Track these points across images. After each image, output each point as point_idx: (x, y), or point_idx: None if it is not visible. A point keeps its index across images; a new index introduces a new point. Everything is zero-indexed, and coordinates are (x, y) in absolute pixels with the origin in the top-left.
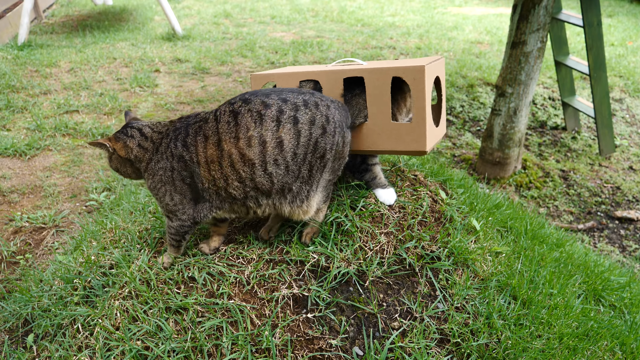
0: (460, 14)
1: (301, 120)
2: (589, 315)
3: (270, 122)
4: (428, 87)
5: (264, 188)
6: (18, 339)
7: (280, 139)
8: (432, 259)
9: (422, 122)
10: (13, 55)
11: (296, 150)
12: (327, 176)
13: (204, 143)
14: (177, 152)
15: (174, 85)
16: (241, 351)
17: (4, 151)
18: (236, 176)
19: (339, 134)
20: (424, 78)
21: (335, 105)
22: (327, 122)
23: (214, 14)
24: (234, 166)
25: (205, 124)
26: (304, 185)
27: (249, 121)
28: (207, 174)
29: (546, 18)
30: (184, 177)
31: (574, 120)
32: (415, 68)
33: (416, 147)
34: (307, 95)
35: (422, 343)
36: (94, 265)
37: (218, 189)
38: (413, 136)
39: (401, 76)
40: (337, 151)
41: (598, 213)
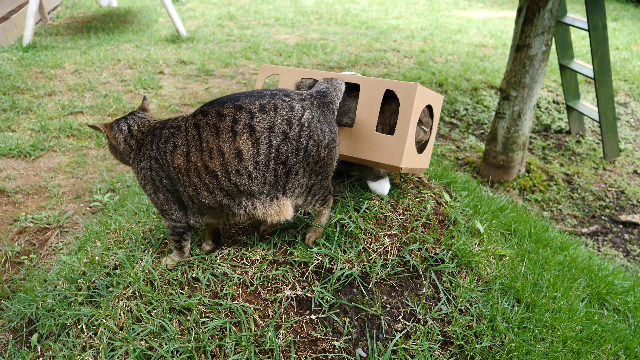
0: (465, 17)
1: (258, 128)
2: (592, 319)
3: (226, 134)
4: (417, 107)
5: (233, 196)
6: (22, 339)
7: (238, 149)
8: (436, 261)
9: (403, 138)
10: (18, 56)
11: (257, 159)
12: (304, 180)
13: (172, 151)
14: (153, 154)
15: (178, 87)
16: (245, 352)
17: (9, 152)
18: (204, 186)
19: (307, 137)
20: (414, 96)
21: (304, 105)
22: (290, 126)
23: (218, 16)
24: (201, 177)
25: (178, 132)
26: (272, 189)
27: (208, 134)
28: (179, 180)
29: (551, 21)
30: (162, 178)
31: (578, 123)
32: (409, 85)
33: (391, 162)
34: (266, 98)
35: (425, 345)
36: (98, 266)
37: (191, 197)
38: (391, 151)
39: (394, 90)
40: (308, 155)
41: (602, 217)
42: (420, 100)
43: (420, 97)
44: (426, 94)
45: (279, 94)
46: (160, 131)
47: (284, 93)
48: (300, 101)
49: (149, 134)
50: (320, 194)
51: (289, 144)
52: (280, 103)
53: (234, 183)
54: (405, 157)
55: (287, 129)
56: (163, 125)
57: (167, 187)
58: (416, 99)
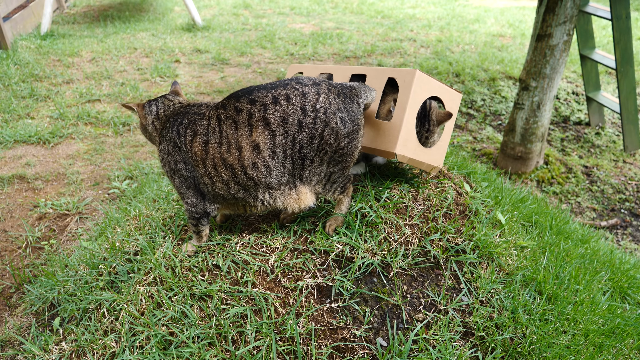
0: (482, 6)
1: (272, 120)
2: (615, 313)
3: (243, 128)
4: (416, 93)
5: (249, 189)
6: (44, 322)
7: (255, 142)
8: (457, 251)
9: (398, 125)
10: (36, 44)
11: (274, 150)
12: (323, 168)
13: (191, 138)
14: (173, 138)
15: (194, 76)
16: (265, 339)
17: (28, 139)
18: (219, 178)
19: (323, 124)
20: (412, 82)
21: (319, 90)
22: (304, 114)
23: (234, 4)
24: (217, 169)
25: (201, 119)
26: (290, 178)
27: (228, 128)
28: (195, 167)
29: (573, 10)
30: (177, 162)
31: (598, 115)
32: (408, 71)
33: (386, 147)
34: (278, 89)
35: (446, 336)
36: (118, 252)
37: (206, 185)
38: (387, 136)
39: (395, 77)
40: (325, 143)
41: (622, 210)
42: (421, 87)
43: (420, 84)
44: (431, 83)
45: (291, 82)
46: (182, 116)
47: (296, 81)
48: (314, 86)
49: (171, 117)
50: (339, 182)
51: (303, 132)
52: (292, 92)
53: (250, 177)
54: (401, 143)
55: (301, 117)
56: (186, 111)
57: (182, 171)
58: (414, 84)
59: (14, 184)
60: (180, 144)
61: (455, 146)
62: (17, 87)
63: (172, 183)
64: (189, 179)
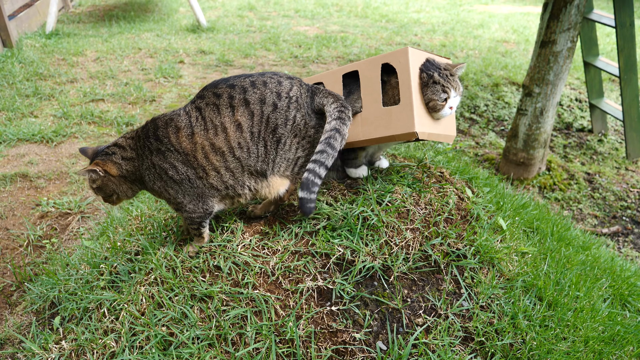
0: (487, 11)
1: (251, 100)
2: (615, 320)
3: (226, 109)
4: (414, 69)
5: (237, 175)
6: (45, 321)
7: (237, 122)
8: (458, 256)
9: (409, 103)
10: (41, 43)
11: (252, 129)
12: (290, 154)
13: (176, 134)
14: (153, 147)
15: (198, 77)
16: (265, 341)
17: (32, 137)
18: (211, 166)
19: (296, 110)
20: (408, 60)
21: (292, 82)
22: (279, 98)
23: (238, 6)
24: (208, 157)
25: (178, 116)
26: (263, 164)
27: (210, 113)
28: (188, 161)
29: (577, 17)
30: (166, 170)
31: (601, 122)
32: (400, 51)
33: (405, 130)
34: (255, 76)
35: (446, 340)
36: (120, 251)
37: (201, 178)
38: (402, 119)
39: (389, 62)
40: (296, 127)
41: (623, 218)
42: (417, 63)
43: (415, 60)
44: (425, 56)
45: (267, 73)
46: (154, 125)
47: (272, 72)
48: (288, 79)
49: (139, 134)
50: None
51: (278, 113)
52: (269, 79)
53: (237, 157)
54: (418, 122)
55: (276, 100)
56: (154, 122)
57: (174, 177)
58: (410, 62)
59: (17, 182)
60: (164, 147)
61: (458, 151)
62: (21, 85)
63: (166, 197)
64: (184, 182)
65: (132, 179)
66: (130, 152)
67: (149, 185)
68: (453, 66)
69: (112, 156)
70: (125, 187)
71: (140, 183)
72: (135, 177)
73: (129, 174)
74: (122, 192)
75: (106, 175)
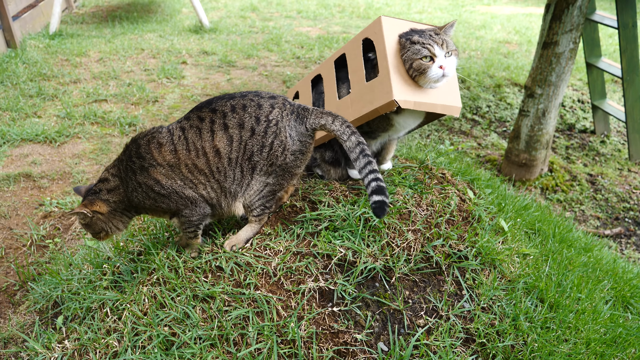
0: (489, 12)
1: (230, 125)
2: (617, 322)
3: (207, 134)
4: (388, 38)
5: (217, 191)
6: (48, 320)
7: (216, 147)
8: (460, 258)
9: (385, 73)
10: (45, 44)
11: (230, 155)
12: (268, 179)
13: (158, 149)
14: (136, 166)
15: (201, 78)
16: (267, 341)
17: (35, 137)
18: (197, 180)
19: (274, 135)
20: (382, 29)
21: (273, 103)
22: (257, 122)
23: (241, 7)
24: (193, 173)
25: (159, 134)
26: (237, 187)
27: (193, 136)
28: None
29: (580, 19)
30: (152, 187)
31: (603, 123)
32: (374, 22)
33: (384, 100)
34: (236, 99)
35: (447, 342)
36: (122, 252)
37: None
38: (381, 90)
39: (367, 36)
40: (272, 155)
41: (626, 219)
42: (392, 31)
43: (390, 28)
44: (401, 24)
45: (249, 94)
46: (134, 143)
47: (254, 93)
48: (270, 99)
49: (121, 158)
50: (265, 199)
51: (254, 139)
52: (249, 103)
53: (216, 179)
54: (397, 90)
55: (254, 125)
56: (133, 140)
57: (161, 192)
58: (384, 31)
59: (20, 182)
60: (147, 163)
61: (460, 152)
62: (25, 86)
63: (162, 212)
64: (172, 195)
65: (122, 208)
66: (114, 181)
67: (141, 206)
68: (440, 27)
69: (100, 194)
70: (116, 220)
71: (132, 210)
72: (125, 205)
73: (118, 204)
74: (113, 227)
75: (95, 214)
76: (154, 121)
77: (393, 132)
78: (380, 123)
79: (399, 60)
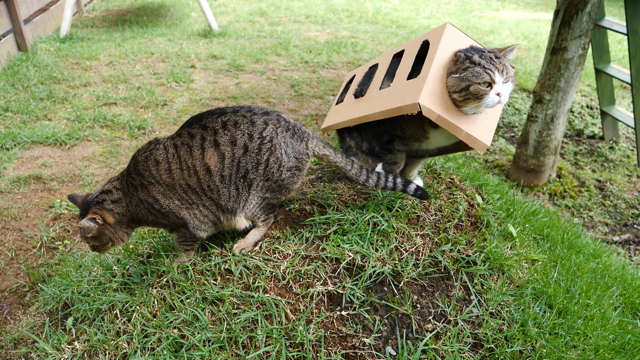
0: (497, 18)
1: (221, 142)
2: (626, 329)
3: (197, 151)
4: (443, 45)
5: (212, 209)
6: (57, 321)
7: (207, 165)
8: (468, 263)
9: (423, 76)
10: (55, 47)
11: (222, 173)
12: (265, 194)
13: (156, 167)
14: (137, 182)
15: (209, 81)
16: (275, 344)
17: (45, 140)
18: (191, 201)
19: (269, 152)
20: (442, 35)
21: (267, 119)
22: (250, 140)
23: (250, 11)
24: (187, 193)
25: (156, 150)
26: (234, 204)
27: (184, 154)
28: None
29: (589, 24)
30: (152, 204)
31: (612, 129)
32: (439, 27)
33: (410, 100)
34: (227, 115)
35: (455, 346)
36: (132, 254)
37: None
38: (413, 90)
39: (428, 39)
40: (269, 171)
41: (635, 225)
42: (450, 41)
43: (450, 37)
44: (462, 38)
45: (242, 109)
46: (133, 160)
47: (247, 109)
48: (263, 115)
49: (123, 173)
50: (267, 209)
51: (248, 156)
52: (241, 119)
53: (209, 197)
54: (425, 95)
55: (247, 142)
56: (133, 157)
57: (161, 210)
58: (443, 37)
59: (30, 184)
60: (146, 180)
61: (468, 157)
62: (35, 88)
63: (162, 225)
64: (170, 215)
65: (126, 220)
66: (117, 194)
67: (144, 220)
68: (500, 50)
69: (104, 204)
70: (122, 232)
71: (135, 222)
72: (128, 218)
73: (121, 216)
74: (118, 238)
75: (104, 223)
76: (163, 124)
77: (425, 144)
78: (415, 131)
79: (444, 71)
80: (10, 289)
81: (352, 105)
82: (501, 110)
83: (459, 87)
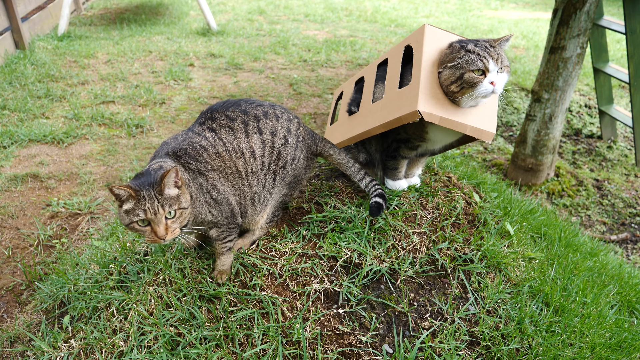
0: (496, 17)
1: (264, 130)
2: (622, 327)
3: (241, 134)
4: (428, 46)
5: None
6: (54, 320)
7: (252, 148)
8: (465, 261)
9: (416, 82)
10: (53, 45)
11: (263, 159)
12: (284, 190)
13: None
14: (194, 167)
15: (208, 80)
16: (272, 342)
17: (43, 138)
18: (237, 185)
19: (301, 150)
20: (423, 37)
21: (299, 122)
22: (289, 134)
23: (248, 10)
24: (235, 177)
25: (193, 139)
26: (267, 194)
27: (227, 136)
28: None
29: (587, 24)
30: (210, 190)
31: (610, 129)
32: (418, 30)
33: (408, 109)
34: (266, 107)
35: (452, 344)
36: (129, 252)
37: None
38: (408, 98)
39: (410, 43)
40: (297, 167)
41: (632, 225)
42: (433, 41)
43: (431, 37)
44: (443, 36)
45: (276, 106)
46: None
47: (281, 107)
48: (295, 118)
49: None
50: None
51: (288, 149)
52: (280, 113)
53: (249, 182)
54: (422, 100)
55: (287, 135)
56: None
57: (217, 198)
58: (425, 39)
59: (28, 183)
60: (203, 166)
61: (466, 156)
62: (33, 87)
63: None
64: (221, 203)
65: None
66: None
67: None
68: (496, 40)
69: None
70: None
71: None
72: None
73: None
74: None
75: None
76: (161, 123)
77: (430, 143)
78: (416, 131)
79: (434, 71)
80: (7, 287)
81: (347, 123)
82: (497, 100)
83: (454, 77)
